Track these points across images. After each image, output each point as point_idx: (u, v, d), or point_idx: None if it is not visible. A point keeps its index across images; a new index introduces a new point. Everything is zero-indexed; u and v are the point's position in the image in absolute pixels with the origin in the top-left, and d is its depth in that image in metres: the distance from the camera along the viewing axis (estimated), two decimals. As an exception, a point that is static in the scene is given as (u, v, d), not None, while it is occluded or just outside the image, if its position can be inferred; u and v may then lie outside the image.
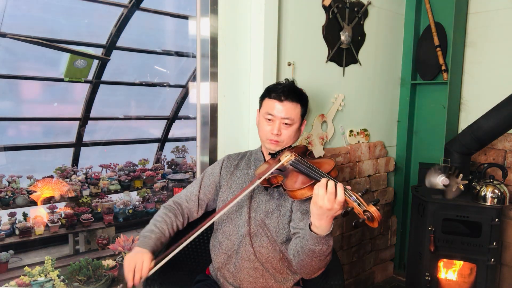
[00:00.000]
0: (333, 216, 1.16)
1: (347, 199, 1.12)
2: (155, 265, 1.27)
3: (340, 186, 1.14)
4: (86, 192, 3.13)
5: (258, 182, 1.33)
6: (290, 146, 1.48)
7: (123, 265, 1.29)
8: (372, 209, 1.08)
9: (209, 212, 1.53)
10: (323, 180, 1.16)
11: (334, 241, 1.14)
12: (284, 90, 1.45)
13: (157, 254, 1.34)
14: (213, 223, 1.46)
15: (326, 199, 1.12)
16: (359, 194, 1.14)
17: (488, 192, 2.15)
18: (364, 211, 1.08)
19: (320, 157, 1.39)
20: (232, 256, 1.43)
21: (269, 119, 1.46)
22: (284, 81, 1.52)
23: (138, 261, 1.26)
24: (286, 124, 1.44)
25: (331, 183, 1.14)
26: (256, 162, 1.54)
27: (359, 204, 1.10)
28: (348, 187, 1.15)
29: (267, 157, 1.51)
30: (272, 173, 1.33)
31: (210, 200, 1.55)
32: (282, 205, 1.42)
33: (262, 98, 1.53)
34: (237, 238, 1.43)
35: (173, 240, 1.41)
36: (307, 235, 1.21)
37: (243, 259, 1.41)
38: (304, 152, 1.44)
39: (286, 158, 1.35)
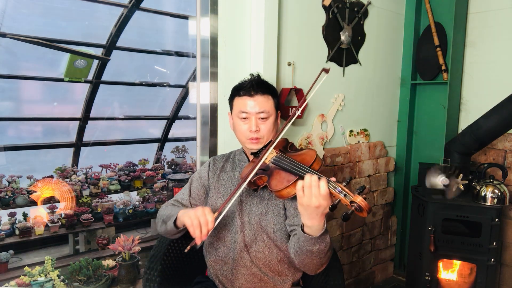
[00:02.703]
0: (324, 214, 1.11)
1: (332, 192, 1.08)
2: (217, 216, 1.19)
3: (323, 179, 1.09)
4: (86, 192, 3.13)
5: (244, 184, 1.27)
6: (271, 141, 1.40)
7: (184, 223, 1.19)
8: (359, 199, 1.03)
9: None
10: (306, 177, 1.10)
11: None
12: (253, 85, 1.40)
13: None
14: None
15: (312, 196, 1.08)
16: (344, 184, 1.09)
17: (488, 192, 2.15)
18: (351, 202, 1.04)
19: (301, 148, 1.35)
20: (229, 263, 1.40)
21: (244, 118, 1.40)
22: (249, 77, 1.46)
23: (200, 215, 1.17)
24: (262, 118, 1.39)
25: (313, 177, 1.09)
26: (240, 163, 1.49)
27: (345, 195, 1.06)
28: (333, 179, 1.10)
29: (251, 157, 1.45)
30: (256, 174, 1.27)
31: (203, 204, 1.50)
32: (274, 205, 1.39)
33: (231, 99, 1.46)
34: (233, 245, 1.40)
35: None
36: (302, 236, 1.18)
37: (240, 266, 1.38)
38: (285, 146, 1.37)
39: (267, 156, 1.29)
